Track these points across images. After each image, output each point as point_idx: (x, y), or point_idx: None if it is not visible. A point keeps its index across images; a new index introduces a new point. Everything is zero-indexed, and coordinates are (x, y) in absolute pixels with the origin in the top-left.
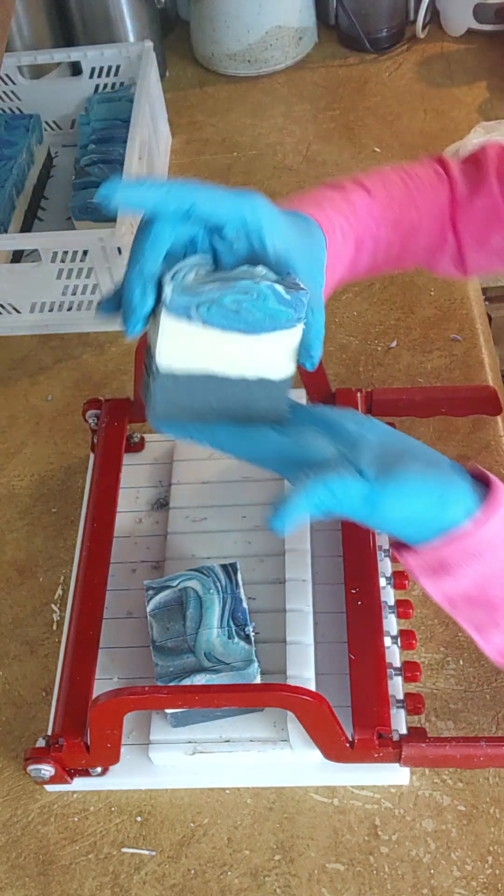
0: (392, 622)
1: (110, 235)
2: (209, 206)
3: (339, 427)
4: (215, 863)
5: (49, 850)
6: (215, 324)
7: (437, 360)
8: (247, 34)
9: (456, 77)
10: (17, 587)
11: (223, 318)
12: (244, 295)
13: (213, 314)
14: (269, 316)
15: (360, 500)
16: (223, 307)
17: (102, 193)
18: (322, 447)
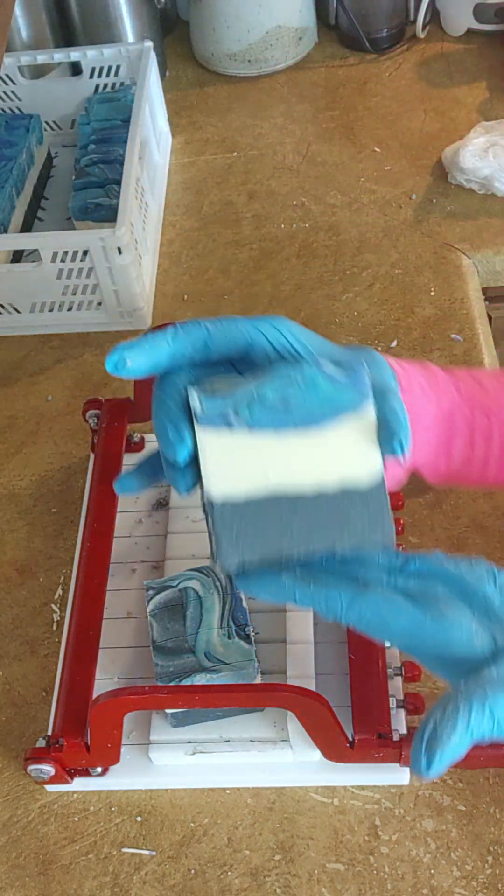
0: None
1: (110, 235)
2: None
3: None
4: (215, 863)
5: (49, 850)
6: (263, 425)
7: (437, 360)
8: (247, 34)
9: (456, 77)
10: (17, 587)
11: (271, 417)
12: (288, 384)
13: (256, 415)
14: (326, 401)
15: None
16: (266, 403)
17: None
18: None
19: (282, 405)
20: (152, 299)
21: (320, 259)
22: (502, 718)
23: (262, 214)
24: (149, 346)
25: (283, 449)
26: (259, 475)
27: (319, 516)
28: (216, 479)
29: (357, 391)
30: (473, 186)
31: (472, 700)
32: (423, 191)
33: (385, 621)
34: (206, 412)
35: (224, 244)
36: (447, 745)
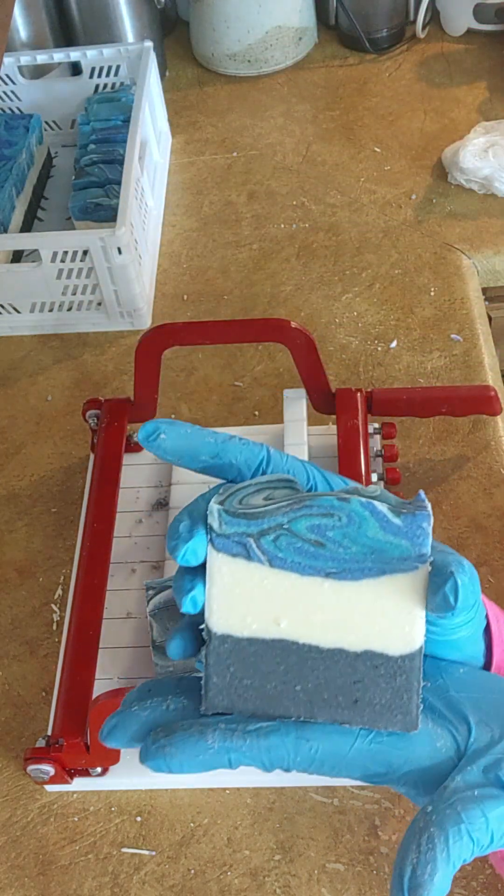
0: None
1: (110, 235)
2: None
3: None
4: (215, 863)
5: (49, 850)
6: (288, 564)
7: (437, 360)
8: (247, 34)
9: (456, 77)
10: (17, 587)
11: (298, 555)
12: (327, 518)
13: (282, 548)
14: (371, 551)
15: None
16: (297, 538)
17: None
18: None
19: (314, 543)
20: (152, 299)
21: (320, 259)
22: (482, 837)
23: (261, 214)
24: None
25: (305, 595)
26: (270, 619)
27: (332, 678)
28: (220, 610)
29: (413, 543)
30: (473, 186)
31: (447, 828)
32: (423, 191)
33: (341, 754)
34: (223, 533)
35: (224, 244)
36: (432, 889)
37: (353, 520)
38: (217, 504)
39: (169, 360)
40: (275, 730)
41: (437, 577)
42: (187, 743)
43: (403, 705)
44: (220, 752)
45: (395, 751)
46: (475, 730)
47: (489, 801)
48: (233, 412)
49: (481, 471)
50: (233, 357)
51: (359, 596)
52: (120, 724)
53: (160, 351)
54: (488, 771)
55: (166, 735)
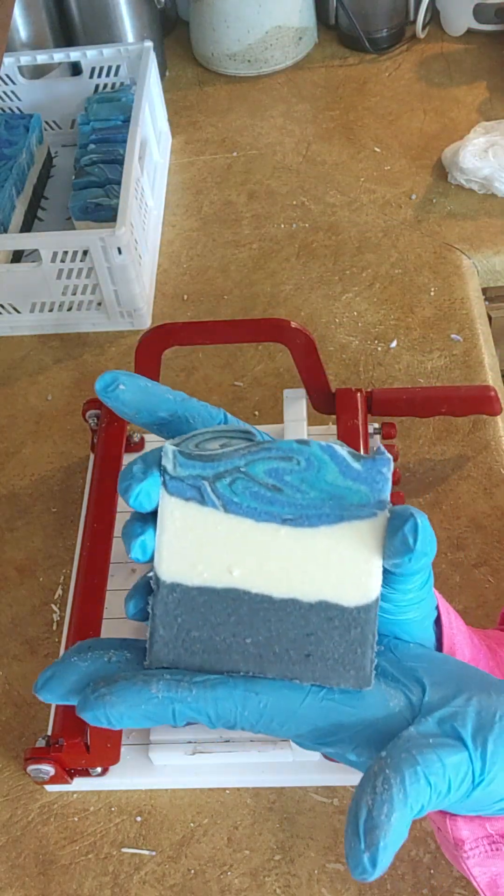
0: None
1: (110, 235)
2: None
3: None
4: (215, 863)
5: (49, 850)
6: (243, 509)
7: (437, 360)
8: (247, 34)
9: (456, 77)
10: (17, 587)
11: (255, 500)
12: (286, 462)
13: (238, 493)
14: (330, 496)
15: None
16: (253, 482)
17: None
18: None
19: (272, 488)
20: (152, 299)
21: (320, 259)
22: (439, 782)
23: (261, 214)
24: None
25: (259, 543)
26: (222, 567)
27: (284, 631)
28: (170, 557)
29: (372, 489)
30: (473, 186)
31: (403, 770)
32: (423, 191)
33: (291, 710)
34: (177, 476)
35: (224, 244)
36: (389, 830)
37: (312, 463)
38: (172, 446)
39: (169, 360)
40: (223, 682)
41: (396, 520)
42: (130, 692)
43: (357, 660)
44: (164, 703)
45: (346, 708)
46: (429, 689)
47: (445, 748)
48: (233, 412)
49: (481, 471)
50: (233, 357)
51: (315, 543)
52: (56, 675)
53: (160, 351)
54: (443, 722)
55: (107, 684)
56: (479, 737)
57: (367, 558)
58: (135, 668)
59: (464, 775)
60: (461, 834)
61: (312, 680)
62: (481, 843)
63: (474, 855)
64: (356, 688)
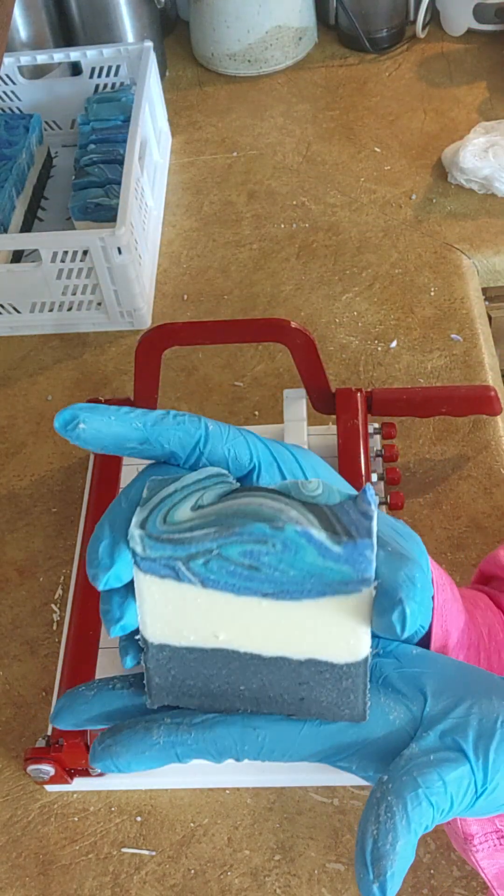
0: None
1: (110, 235)
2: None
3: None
4: (215, 863)
5: (49, 850)
6: (221, 585)
7: (437, 360)
8: (247, 34)
9: (456, 77)
10: (17, 587)
11: (232, 577)
12: (260, 545)
13: (213, 571)
14: (309, 575)
15: (472, 796)
16: (229, 562)
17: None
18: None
19: (249, 567)
20: (152, 299)
21: (320, 259)
22: (441, 801)
23: (262, 214)
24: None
25: (242, 613)
26: (208, 633)
27: (277, 681)
28: (153, 625)
29: (354, 570)
30: (473, 186)
31: (405, 795)
32: (423, 191)
33: (290, 739)
34: (148, 557)
35: (224, 244)
36: (395, 858)
37: (289, 546)
38: (138, 529)
39: (169, 360)
40: (221, 721)
41: (384, 599)
42: (133, 740)
43: (351, 703)
44: (166, 748)
45: (345, 731)
46: (430, 700)
47: (446, 764)
48: (233, 412)
49: (481, 471)
50: (233, 357)
51: (299, 613)
52: (67, 706)
53: (160, 351)
54: (444, 735)
55: (112, 735)
56: (481, 747)
57: (354, 627)
58: (139, 693)
59: (466, 788)
60: (470, 829)
61: (308, 717)
62: (490, 837)
63: (483, 849)
64: (351, 721)
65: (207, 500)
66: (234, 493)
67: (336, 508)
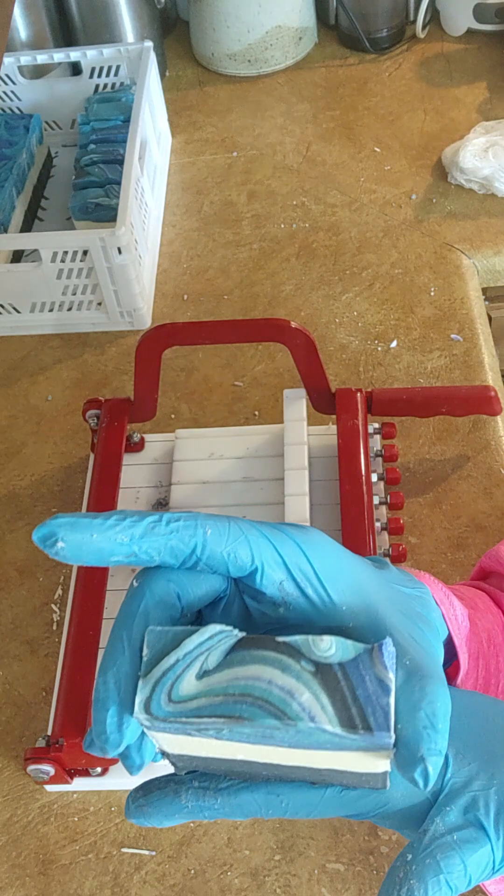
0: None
1: (110, 235)
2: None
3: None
4: (215, 863)
5: (49, 849)
6: (237, 740)
7: (437, 360)
8: (247, 34)
9: (456, 77)
10: (17, 587)
11: (249, 738)
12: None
13: (226, 737)
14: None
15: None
16: (242, 735)
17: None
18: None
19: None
20: (152, 299)
21: (320, 259)
22: (459, 884)
23: (262, 214)
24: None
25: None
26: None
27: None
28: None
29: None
30: (473, 186)
31: (427, 880)
32: (423, 191)
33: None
34: (156, 725)
35: (224, 244)
36: None
37: (302, 735)
38: (143, 713)
39: (169, 360)
40: (245, 787)
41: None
42: (163, 803)
43: (371, 782)
44: (194, 811)
45: (366, 797)
46: (452, 764)
47: (468, 846)
48: (233, 412)
49: (481, 471)
50: (233, 357)
51: (319, 758)
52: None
53: (160, 351)
54: (467, 811)
55: (144, 794)
56: (501, 824)
57: (376, 764)
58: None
59: (484, 867)
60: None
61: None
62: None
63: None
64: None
65: (212, 662)
66: (241, 649)
67: (351, 673)
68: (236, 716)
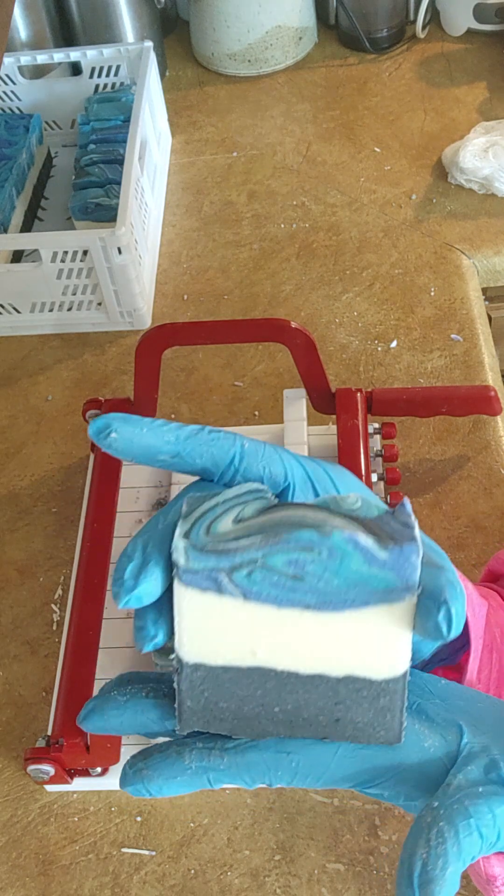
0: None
1: (110, 235)
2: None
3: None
4: (215, 863)
5: (49, 850)
6: (263, 597)
7: (437, 360)
8: (247, 34)
9: (456, 77)
10: (17, 587)
11: (275, 589)
12: (306, 553)
13: (256, 582)
14: (354, 584)
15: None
16: (273, 572)
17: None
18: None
19: (293, 577)
20: (152, 299)
21: (320, 259)
22: (490, 833)
23: (262, 214)
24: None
25: (282, 627)
26: (245, 650)
27: (312, 700)
28: (190, 643)
29: (400, 576)
30: (473, 186)
31: (457, 823)
32: (423, 191)
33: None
34: (190, 569)
35: (224, 244)
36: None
37: (335, 553)
38: (182, 539)
39: (169, 360)
40: (253, 746)
41: (428, 602)
42: (164, 765)
43: (387, 724)
44: (198, 773)
45: (380, 755)
46: (467, 732)
47: (494, 797)
48: (233, 412)
49: (481, 471)
50: (233, 357)
51: (340, 626)
52: (97, 709)
53: (160, 351)
54: (489, 770)
55: (143, 759)
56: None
57: (396, 638)
58: (170, 705)
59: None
60: (493, 871)
61: (343, 740)
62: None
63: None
64: (386, 744)
65: (248, 513)
66: (274, 507)
67: (376, 520)
68: (273, 534)
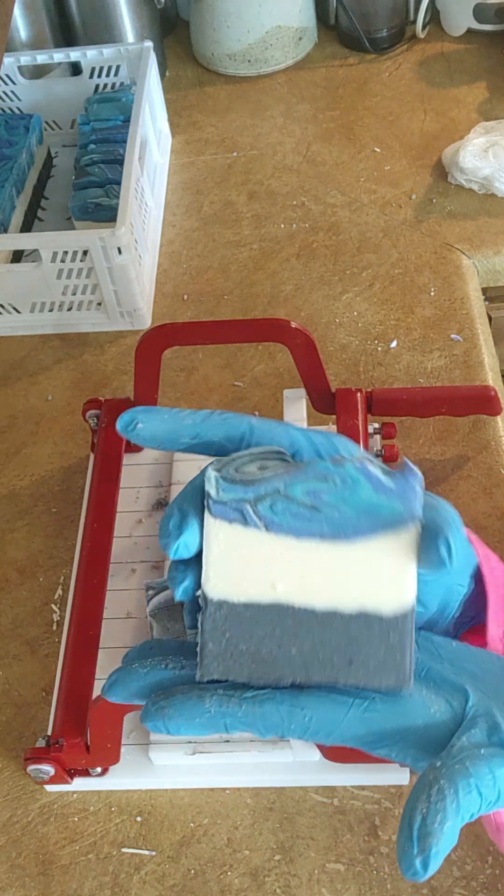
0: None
1: (110, 235)
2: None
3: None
4: (215, 863)
5: (49, 850)
6: (284, 528)
7: (437, 360)
8: (247, 34)
9: (456, 77)
10: (17, 587)
11: (294, 519)
12: (322, 483)
13: (278, 513)
14: (363, 512)
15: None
16: (293, 502)
17: (122, 423)
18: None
19: (310, 507)
20: (152, 299)
21: (320, 259)
22: (489, 793)
23: (262, 214)
24: (169, 418)
25: (300, 559)
26: (266, 583)
27: (327, 640)
28: (216, 577)
29: (405, 504)
30: (473, 186)
31: (457, 781)
32: (423, 191)
33: (335, 722)
34: (220, 500)
35: (224, 244)
36: (441, 838)
37: (348, 482)
38: (214, 471)
39: (169, 360)
40: (270, 698)
41: (429, 534)
42: (185, 706)
43: (397, 663)
44: (216, 717)
45: (389, 716)
46: (472, 696)
47: (496, 759)
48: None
49: (481, 471)
50: (233, 357)
51: (352, 556)
52: (120, 680)
53: (160, 351)
54: (492, 733)
55: (166, 697)
56: None
57: (403, 567)
58: (190, 673)
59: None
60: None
61: (356, 683)
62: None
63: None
64: (397, 686)
65: (273, 465)
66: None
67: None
68: (294, 464)
